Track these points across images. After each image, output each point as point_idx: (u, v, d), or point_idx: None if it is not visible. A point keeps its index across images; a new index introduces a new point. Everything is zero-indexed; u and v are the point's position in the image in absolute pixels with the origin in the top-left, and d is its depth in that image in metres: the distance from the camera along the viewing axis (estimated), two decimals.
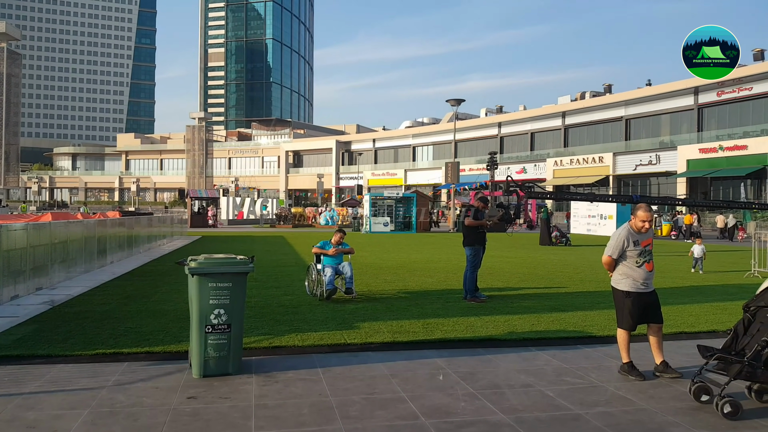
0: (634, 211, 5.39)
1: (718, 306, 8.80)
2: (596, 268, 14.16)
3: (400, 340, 6.39)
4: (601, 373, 5.40)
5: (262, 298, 8.84)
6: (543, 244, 22.69)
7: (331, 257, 9.13)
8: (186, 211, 37.67)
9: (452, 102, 38.32)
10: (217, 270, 5.01)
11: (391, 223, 32.11)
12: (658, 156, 50.22)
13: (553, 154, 60.11)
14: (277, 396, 4.59)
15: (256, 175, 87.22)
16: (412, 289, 10.23)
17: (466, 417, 4.21)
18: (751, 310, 4.67)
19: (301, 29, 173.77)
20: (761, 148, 42.03)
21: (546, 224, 23.33)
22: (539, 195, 10.14)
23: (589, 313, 8.11)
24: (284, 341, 6.21)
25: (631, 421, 4.19)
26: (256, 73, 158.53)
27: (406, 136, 78.85)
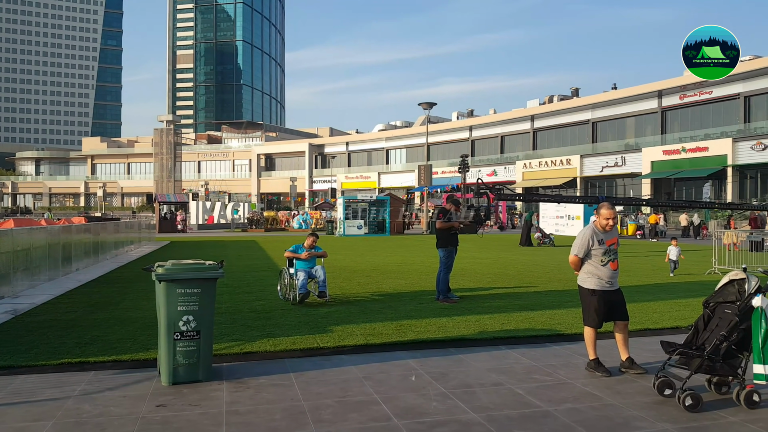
0: (598, 210, 5.52)
1: (681, 303, 9.05)
2: (564, 267, 14.41)
3: (374, 342, 6.41)
4: (569, 370, 5.51)
5: (233, 304, 8.75)
6: (523, 244, 22.98)
7: (304, 261, 9.10)
8: (154, 216, 37.04)
9: (424, 105, 38.57)
10: (185, 276, 4.95)
11: (365, 226, 32.11)
12: (623, 158, 51.38)
13: (523, 157, 60.97)
14: (248, 402, 4.56)
15: (226, 178, 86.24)
16: (385, 291, 10.26)
17: (438, 417, 4.26)
18: (710, 306, 4.82)
19: (272, 31, 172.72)
20: (722, 150, 43.37)
21: (527, 226, 23.67)
22: (509, 197, 10.31)
23: (557, 312, 8.27)
24: (256, 347, 6.16)
25: (599, 417, 4.28)
26: (226, 75, 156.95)
27: (380, 139, 79.01)
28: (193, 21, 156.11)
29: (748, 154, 41.94)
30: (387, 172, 74.68)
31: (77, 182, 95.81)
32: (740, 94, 44.30)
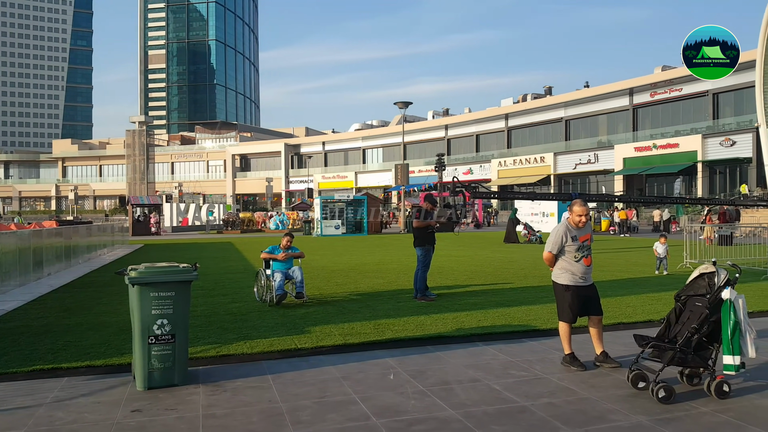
0: (571, 207, 5.59)
1: (654, 297, 9.24)
2: (539, 264, 14.58)
3: (352, 342, 6.41)
4: (545, 365, 5.59)
5: (208, 307, 8.66)
6: (507, 241, 23.20)
7: (280, 262, 9.04)
8: (127, 219, 36.44)
9: (400, 105, 38.62)
10: (159, 279, 4.89)
11: (342, 225, 32.04)
12: (596, 155, 52.21)
13: (498, 155, 61.54)
14: (225, 405, 4.52)
15: (201, 180, 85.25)
16: (363, 290, 10.26)
17: (417, 415, 4.28)
18: (681, 300, 4.93)
19: (246, 30, 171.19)
20: (692, 146, 44.34)
21: (512, 223, 23.88)
22: (484, 195, 10.39)
23: (533, 308, 8.37)
24: (232, 349, 6.11)
25: (575, 411, 4.35)
26: (199, 75, 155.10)
27: (356, 139, 78.94)
28: (164, 21, 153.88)
29: (717, 149, 42.95)
30: (364, 172, 74.65)
31: (48, 185, 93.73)
32: (709, 91, 45.33)
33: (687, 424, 4.07)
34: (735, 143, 41.80)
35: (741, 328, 4.57)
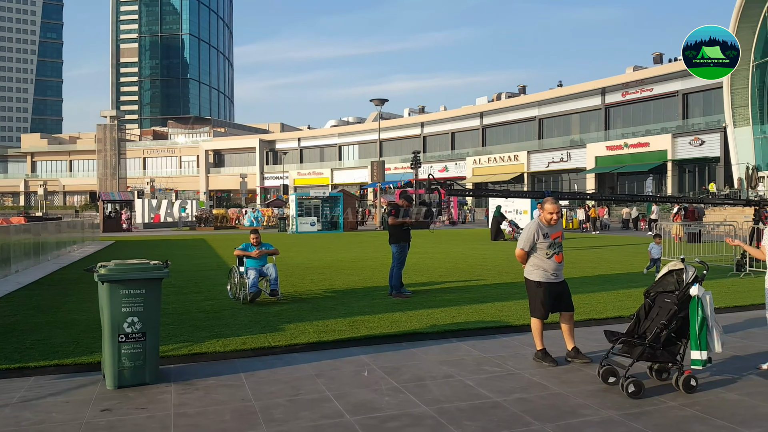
0: (542, 205, 5.65)
1: (624, 293, 9.41)
2: (512, 261, 14.73)
3: (326, 339, 6.38)
4: (517, 360, 5.65)
5: (181, 304, 8.55)
6: (494, 239, 23.42)
7: (254, 259, 8.96)
8: (98, 215, 35.72)
9: (376, 102, 38.61)
10: (129, 276, 4.80)
11: (317, 222, 31.91)
12: (569, 153, 52.97)
13: (473, 153, 61.98)
14: (197, 404, 4.47)
15: (173, 175, 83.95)
16: (338, 288, 10.24)
17: (391, 411, 4.29)
18: (651, 296, 5.03)
19: (220, 25, 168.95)
20: (662, 145, 45.27)
21: (497, 221, 24.07)
22: (459, 192, 10.46)
23: (506, 304, 8.45)
24: (205, 347, 6.04)
25: (547, 406, 4.41)
26: (173, 70, 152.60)
27: (332, 135, 78.63)
28: (137, 14, 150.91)
29: (687, 149, 43.92)
30: (340, 169, 74.47)
31: (16, 180, 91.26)
32: (679, 91, 46.30)
33: (655, 418, 4.16)
34: (704, 143, 42.79)
35: (708, 323, 4.68)
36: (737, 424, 4.03)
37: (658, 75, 48.00)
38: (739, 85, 37.65)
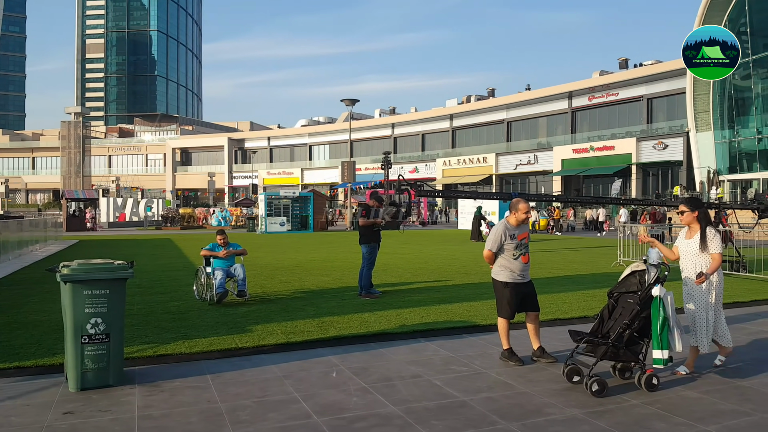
0: (515, 206, 5.72)
1: (589, 293, 9.60)
2: (480, 261, 14.90)
3: (295, 340, 6.35)
4: (484, 360, 5.72)
5: (146, 305, 8.39)
6: (475, 239, 23.68)
7: (222, 260, 8.85)
8: (61, 214, 34.78)
9: (347, 102, 38.52)
10: (93, 276, 4.70)
11: (287, 222, 31.68)
12: (536, 156, 53.82)
13: (443, 155, 62.45)
14: (162, 406, 4.39)
15: (139, 174, 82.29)
16: (308, 288, 10.19)
17: (359, 412, 4.29)
18: (614, 296, 5.15)
19: (189, 22, 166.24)
20: (626, 149, 46.34)
21: (477, 221, 24.30)
22: (429, 193, 10.52)
23: (473, 304, 8.55)
24: (170, 349, 5.94)
25: (512, 405, 4.47)
26: (140, 66, 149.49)
27: (302, 135, 78.17)
28: (104, 9, 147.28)
29: (650, 152, 45.06)
30: (310, 168, 74.11)
31: None
32: (643, 96, 47.47)
33: (618, 416, 4.26)
34: (667, 146, 43.95)
35: (669, 323, 4.82)
36: (696, 421, 4.15)
37: (623, 80, 49.15)
38: (702, 91, 38.81)
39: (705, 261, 5.17)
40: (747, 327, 7.27)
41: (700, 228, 5.25)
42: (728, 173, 37.47)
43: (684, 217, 5.30)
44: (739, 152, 37.66)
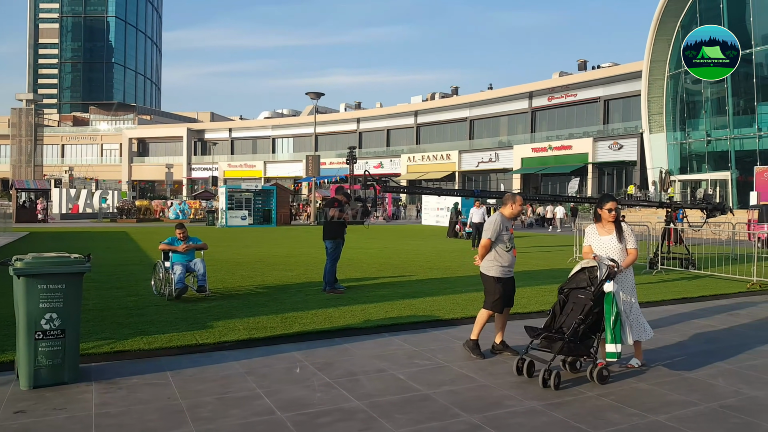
0: (512, 198, 5.86)
1: (546, 288, 9.84)
2: (444, 256, 15.08)
3: (257, 336, 6.30)
4: (447, 354, 5.80)
5: (101, 300, 8.18)
6: (450, 236, 23.89)
7: (181, 254, 8.68)
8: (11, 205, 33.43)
9: (312, 95, 38.20)
10: (48, 270, 4.55)
11: (249, 216, 31.26)
12: (497, 154, 54.65)
13: (407, 151, 62.68)
14: (121, 403, 4.30)
15: (94, 164, 79.74)
16: (270, 284, 10.10)
17: (323, 407, 4.30)
18: (564, 292, 5.27)
19: (149, 8, 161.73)
20: (583, 148, 47.48)
21: (453, 218, 24.51)
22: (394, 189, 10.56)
23: (437, 298, 8.65)
24: (128, 345, 5.82)
25: (474, 397, 4.56)
26: (96, 53, 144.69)
27: (266, 127, 77.11)
28: None
29: (606, 152, 46.26)
30: (273, 161, 73.23)
31: None
32: (601, 97, 48.69)
33: (575, 407, 4.40)
34: (622, 147, 45.21)
35: (621, 318, 5.00)
36: (647, 411, 4.33)
37: (581, 81, 50.30)
38: (655, 94, 40.08)
39: (623, 256, 5.31)
40: (695, 321, 7.58)
41: (615, 225, 5.40)
42: (679, 173, 38.85)
43: (613, 214, 5.41)
44: (690, 154, 39.09)
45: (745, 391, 4.83)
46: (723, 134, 36.21)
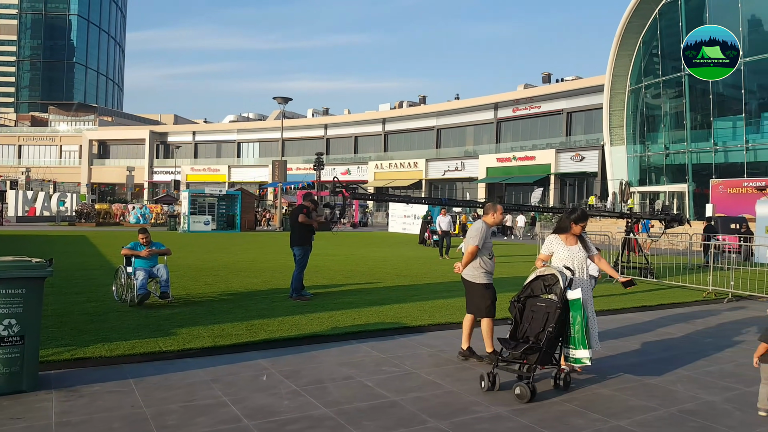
0: (493, 207, 6.00)
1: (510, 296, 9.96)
2: (411, 263, 15.16)
3: (222, 344, 6.21)
4: (414, 360, 5.84)
5: (61, 306, 7.94)
6: (421, 242, 23.99)
7: (144, 259, 8.50)
8: None
9: (279, 100, 38.01)
10: (8, 275, 4.41)
11: (212, 221, 30.78)
12: (463, 163, 55.38)
13: (375, 158, 62.85)
14: (82, 411, 4.19)
15: (52, 165, 77.31)
16: (235, 290, 9.97)
17: (290, 415, 4.27)
18: (521, 300, 5.32)
19: (112, 8, 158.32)
20: (546, 159, 48.50)
21: (425, 226, 24.54)
22: (362, 196, 10.59)
23: (404, 305, 8.70)
24: (89, 352, 5.66)
25: (441, 404, 4.60)
26: (57, 52, 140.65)
27: (231, 131, 76.16)
28: None
29: (568, 163, 47.33)
30: (238, 166, 72.35)
31: None
32: (564, 110, 49.84)
33: (539, 413, 4.48)
34: (584, 158, 46.33)
35: (589, 324, 5.11)
36: (610, 416, 4.44)
37: (545, 93, 51.41)
38: (617, 107, 41.27)
39: (587, 263, 5.53)
40: (654, 329, 7.81)
41: (579, 236, 5.57)
42: (638, 185, 40.02)
43: (582, 227, 5.58)
44: (649, 166, 40.32)
45: (702, 396, 5.00)
46: (681, 148, 37.49)
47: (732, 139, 34.93)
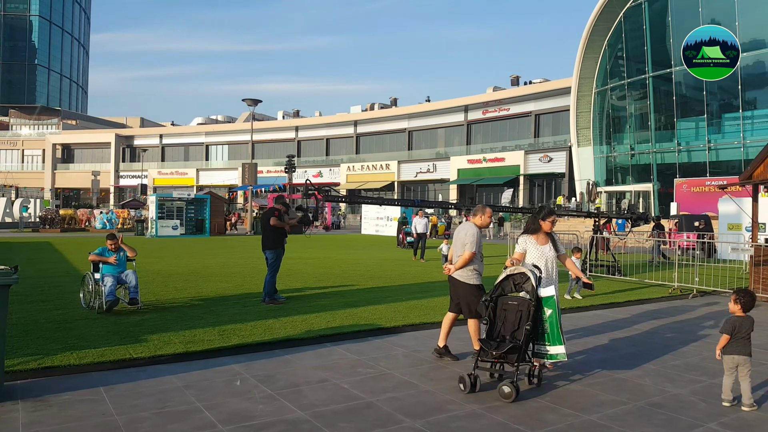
0: (482, 210, 6.03)
1: None
2: (385, 265, 15.18)
3: (194, 349, 6.13)
4: (389, 361, 5.86)
5: (26, 314, 7.73)
6: (399, 245, 23.93)
7: (112, 266, 8.33)
8: None
9: (249, 102, 37.62)
10: None
11: (181, 226, 30.29)
12: (434, 165, 55.77)
13: (347, 160, 62.79)
14: (52, 421, 4.09)
15: (14, 170, 75.06)
16: (206, 295, 9.84)
17: (265, 419, 4.24)
18: (493, 300, 5.36)
19: (76, 9, 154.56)
20: (516, 161, 49.17)
21: (400, 228, 24.54)
22: (335, 198, 10.57)
23: (378, 307, 8.71)
24: (57, 360, 5.53)
25: (416, 403, 4.63)
26: (17, 53, 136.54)
27: (199, 134, 75.12)
28: None
29: (537, 165, 48.08)
30: (207, 169, 71.40)
31: None
32: (532, 112, 50.62)
33: (513, 409, 4.55)
34: (552, 159, 47.12)
35: (560, 321, 5.23)
36: (581, 411, 4.53)
37: (514, 96, 52.15)
38: (583, 109, 42.10)
39: (556, 262, 5.70)
40: (622, 325, 7.99)
41: (550, 235, 5.72)
42: (605, 185, 40.89)
43: (552, 222, 5.72)
44: (615, 166, 41.24)
45: (669, 389, 5.14)
46: (646, 148, 38.44)
47: (695, 139, 35.98)
